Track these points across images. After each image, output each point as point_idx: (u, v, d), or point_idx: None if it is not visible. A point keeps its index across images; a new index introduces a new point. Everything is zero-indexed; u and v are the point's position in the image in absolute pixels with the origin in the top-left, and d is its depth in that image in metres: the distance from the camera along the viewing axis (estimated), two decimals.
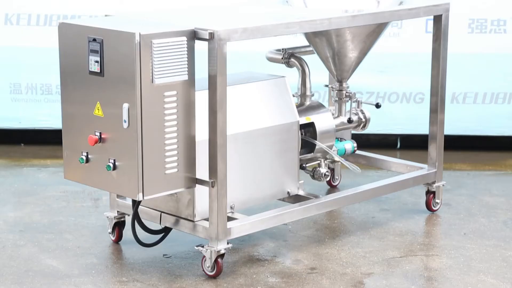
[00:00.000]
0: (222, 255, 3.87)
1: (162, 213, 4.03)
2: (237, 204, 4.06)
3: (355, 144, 4.73)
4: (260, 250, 4.21)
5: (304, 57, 4.53)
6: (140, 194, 3.70)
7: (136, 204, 3.98)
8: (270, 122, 4.14)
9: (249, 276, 3.92)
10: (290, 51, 4.52)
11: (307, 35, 4.53)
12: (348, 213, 4.71)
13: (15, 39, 5.82)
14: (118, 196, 4.20)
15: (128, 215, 4.18)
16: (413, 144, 5.85)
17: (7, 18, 5.81)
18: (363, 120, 4.70)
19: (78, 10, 5.73)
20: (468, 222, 4.60)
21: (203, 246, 3.87)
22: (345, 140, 4.73)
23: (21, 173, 5.43)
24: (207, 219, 3.90)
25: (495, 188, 5.16)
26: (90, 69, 3.74)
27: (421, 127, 5.71)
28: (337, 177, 5.13)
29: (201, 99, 3.81)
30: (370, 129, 5.02)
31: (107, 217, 4.26)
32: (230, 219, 3.95)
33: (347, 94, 4.64)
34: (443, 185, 4.72)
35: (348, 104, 4.68)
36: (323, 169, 4.41)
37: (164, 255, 4.14)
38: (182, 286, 3.82)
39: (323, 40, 4.47)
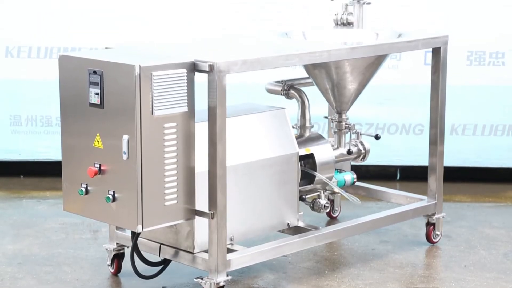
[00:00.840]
0: (221, 287, 3.85)
1: (161, 245, 4.02)
2: (236, 235, 4.05)
3: (355, 176, 4.72)
4: (259, 282, 4.19)
5: (303, 88, 4.55)
6: (140, 226, 3.69)
7: (135, 236, 3.96)
8: (269, 153, 4.14)
9: None
10: (290, 82, 4.53)
11: (307, 67, 4.55)
12: (348, 244, 4.70)
13: (16, 72, 5.84)
14: (117, 228, 4.18)
15: (128, 247, 4.17)
16: (412, 176, 5.85)
17: (8, 51, 5.84)
18: (363, 151, 4.71)
19: (78, 43, 5.76)
20: (469, 254, 4.58)
21: (202, 278, 3.85)
22: (344, 171, 4.73)
23: (20, 205, 5.42)
24: (206, 251, 3.88)
25: (495, 220, 5.15)
26: (90, 101, 3.75)
27: (420, 158, 5.71)
28: (336, 209, 5.12)
29: (201, 130, 3.82)
30: (370, 161, 5.02)
31: (106, 249, 4.25)
32: (229, 250, 3.94)
33: (346, 125, 4.65)
34: (443, 217, 4.71)
35: (347, 135, 4.69)
36: (323, 201, 4.41)
37: (163, 287, 4.12)
38: None
39: (322, 72, 4.49)
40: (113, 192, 3.72)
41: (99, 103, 3.72)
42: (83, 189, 3.82)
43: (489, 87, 5.80)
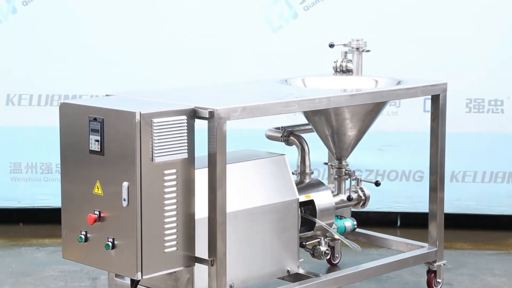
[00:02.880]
0: None
1: None
2: (236, 282, 4.02)
3: (355, 222, 4.71)
4: None
5: (303, 135, 4.56)
6: (139, 273, 3.66)
7: (135, 283, 3.94)
8: (269, 199, 4.13)
9: None
10: (290, 129, 4.54)
11: (306, 114, 4.56)
12: None
13: (17, 119, 5.86)
14: (116, 275, 4.16)
15: None
16: (413, 222, 5.83)
17: (9, 99, 5.86)
18: (363, 198, 4.70)
19: (79, 90, 5.79)
20: None
21: None
22: (345, 218, 4.72)
23: (19, 253, 5.40)
24: None
25: (497, 268, 5.12)
26: (90, 148, 3.76)
27: (420, 205, 5.70)
28: (337, 255, 5.10)
29: (201, 176, 3.82)
30: (370, 207, 5.00)
31: None
32: None
33: (346, 172, 4.65)
34: (444, 264, 4.68)
35: (347, 181, 4.68)
36: (323, 247, 4.39)
37: None
38: None
39: (322, 119, 4.50)
40: (113, 239, 3.71)
41: (99, 150, 3.72)
42: (83, 236, 3.80)
43: (488, 134, 5.81)
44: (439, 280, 4.68)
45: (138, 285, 4.00)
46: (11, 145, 5.88)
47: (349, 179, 4.67)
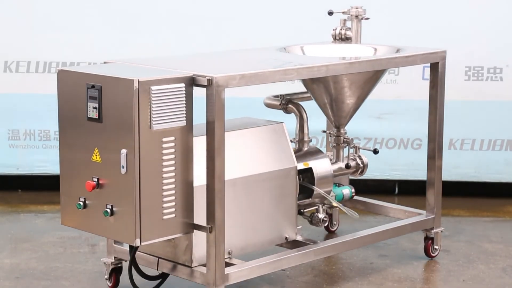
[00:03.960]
0: None
1: (159, 259, 4.01)
2: (235, 249, 4.04)
3: (353, 190, 4.73)
4: None
5: (301, 103, 4.56)
6: (138, 240, 3.68)
7: (133, 249, 3.96)
8: (268, 167, 4.14)
9: None
10: (288, 97, 4.54)
11: (305, 82, 4.56)
12: (347, 259, 4.69)
13: (14, 86, 5.85)
14: (115, 242, 4.18)
15: (125, 261, 4.16)
16: (411, 190, 5.85)
17: (6, 66, 5.85)
18: (361, 165, 4.71)
19: (77, 57, 5.77)
20: (467, 269, 4.58)
21: None
22: (343, 185, 4.73)
23: (18, 219, 5.42)
24: (204, 265, 3.88)
25: (494, 234, 5.15)
26: (88, 116, 3.76)
27: (419, 173, 5.72)
28: (335, 223, 5.12)
29: (199, 144, 3.82)
30: (368, 175, 5.02)
31: (104, 263, 4.24)
32: (228, 264, 3.93)
33: (344, 140, 4.66)
34: (441, 231, 4.71)
35: (345, 149, 4.69)
36: (321, 215, 4.41)
37: None
38: None
39: (320, 87, 4.50)
40: (111, 206, 3.72)
41: (97, 117, 3.72)
42: (81, 203, 3.82)
43: (487, 102, 5.81)
44: (437, 247, 4.71)
45: (137, 252, 4.02)
46: (9, 112, 5.88)
47: (347, 147, 4.67)
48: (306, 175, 4.39)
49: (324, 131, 4.89)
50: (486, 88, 5.80)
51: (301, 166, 4.33)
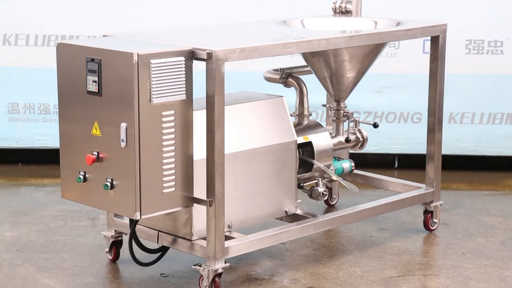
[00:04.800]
0: (219, 274, 3.86)
1: (159, 232, 4.03)
2: (234, 223, 4.06)
3: (353, 164, 4.73)
4: (257, 269, 4.21)
5: (301, 77, 4.55)
6: (138, 213, 3.70)
7: (133, 223, 3.97)
8: (267, 141, 4.14)
9: None
10: (288, 71, 4.53)
11: (305, 55, 4.54)
12: (346, 232, 4.71)
13: (13, 60, 5.83)
14: (115, 215, 4.19)
15: (126, 234, 4.18)
16: (410, 164, 5.86)
17: (5, 39, 5.83)
18: (361, 139, 4.71)
19: (76, 31, 5.75)
20: (466, 242, 4.60)
21: (200, 265, 3.86)
22: (342, 159, 4.74)
23: (18, 192, 5.43)
24: (204, 238, 3.89)
25: (493, 208, 5.16)
26: (88, 89, 3.75)
27: (418, 146, 5.72)
28: (334, 196, 5.13)
29: (199, 118, 3.82)
30: (368, 149, 5.03)
31: (105, 236, 4.26)
32: (227, 238, 3.95)
33: (344, 113, 4.65)
34: (441, 205, 4.72)
35: (345, 123, 4.69)
36: (321, 188, 4.42)
37: (161, 274, 4.13)
38: None
39: (320, 60, 4.48)
40: (111, 179, 3.73)
41: (97, 91, 3.72)
42: (81, 177, 3.83)
43: (487, 76, 5.80)
44: (436, 220, 4.72)
45: (137, 225, 4.03)
46: (9, 85, 5.87)
47: (347, 120, 4.67)
48: (306, 149, 4.39)
49: (324, 105, 4.88)
50: (486, 61, 5.78)
51: (301, 140, 4.33)
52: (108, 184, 3.73)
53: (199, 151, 3.83)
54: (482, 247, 4.52)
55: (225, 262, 3.85)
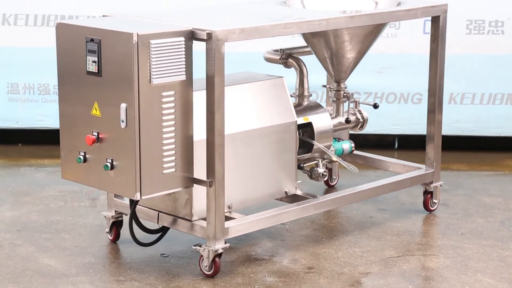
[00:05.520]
0: (219, 255, 3.87)
1: (159, 213, 4.03)
2: (234, 203, 4.06)
3: (353, 144, 4.73)
4: (257, 250, 4.22)
5: (302, 57, 4.54)
6: (138, 194, 3.70)
7: (133, 203, 3.98)
8: (267, 122, 4.14)
9: (247, 276, 3.93)
10: (288, 51, 4.52)
11: (305, 36, 4.53)
12: (346, 213, 4.72)
13: (13, 40, 5.82)
14: (115, 195, 4.20)
15: (126, 215, 4.19)
16: (410, 145, 5.86)
17: (5, 19, 5.81)
18: (361, 120, 4.71)
19: (76, 11, 5.73)
20: (466, 222, 4.61)
21: (200, 246, 3.87)
22: (342, 140, 4.74)
23: (18, 173, 5.44)
24: (204, 219, 3.90)
25: (493, 188, 5.17)
26: (87, 69, 3.74)
27: (418, 127, 5.72)
28: (334, 177, 5.14)
29: (199, 99, 3.82)
30: (368, 130, 5.02)
31: (105, 216, 4.27)
32: (227, 218, 3.96)
33: (345, 94, 4.65)
34: (440, 185, 4.73)
35: (346, 104, 4.68)
36: (321, 169, 4.42)
37: (161, 254, 4.14)
38: (180, 285, 3.83)
39: (321, 41, 4.47)
40: (111, 160, 3.73)
41: (96, 71, 3.71)
42: (81, 157, 3.83)
43: (488, 56, 5.79)
44: (435, 201, 4.73)
45: (137, 206, 4.04)
46: (8, 65, 5.85)
47: (347, 101, 4.67)
48: (306, 129, 4.39)
49: (324, 86, 4.87)
50: (487, 41, 5.77)
51: (301, 120, 4.33)
52: (108, 164, 3.73)
53: (199, 132, 3.83)
54: (481, 227, 4.53)
55: (225, 243, 3.86)
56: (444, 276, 3.95)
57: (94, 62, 3.71)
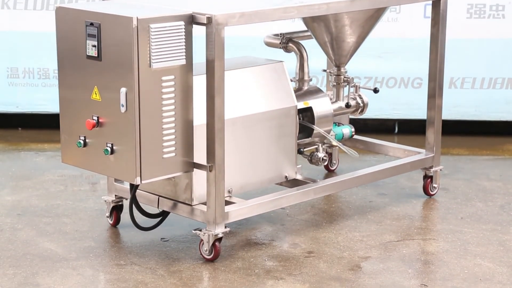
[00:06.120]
0: (219, 239, 3.88)
1: (160, 197, 4.04)
2: (234, 188, 4.07)
3: (353, 129, 4.73)
4: (257, 234, 4.23)
5: (302, 42, 4.53)
6: (138, 178, 3.70)
7: (134, 188, 3.98)
8: (268, 106, 4.14)
9: (247, 260, 3.94)
10: (288, 36, 4.51)
11: (305, 20, 4.52)
12: (346, 197, 4.72)
13: (12, 24, 5.80)
14: (116, 180, 4.20)
15: (126, 199, 4.19)
16: (410, 129, 5.86)
17: (4, 2, 5.79)
18: (361, 105, 4.70)
19: None
20: (465, 207, 4.61)
21: (200, 230, 3.88)
22: (343, 124, 4.74)
23: (18, 157, 5.44)
24: (204, 203, 3.91)
25: (492, 172, 5.17)
26: (87, 54, 3.74)
27: (419, 112, 5.72)
28: (334, 162, 5.14)
29: (199, 83, 3.81)
30: (368, 114, 5.02)
31: (105, 201, 4.27)
32: (227, 203, 3.96)
33: (345, 79, 4.64)
34: (440, 170, 4.73)
35: (346, 89, 4.68)
36: (321, 154, 4.42)
37: (161, 238, 4.15)
38: (180, 269, 3.84)
39: (321, 25, 4.46)
40: (111, 144, 3.73)
41: (96, 55, 3.70)
42: (81, 142, 3.83)
43: (488, 40, 5.78)
44: (435, 185, 4.73)
45: (137, 190, 4.05)
46: (8, 49, 5.84)
47: (347, 86, 4.66)
48: (306, 114, 4.39)
49: (325, 70, 4.87)
50: (488, 26, 5.75)
51: (301, 105, 4.32)
52: (108, 149, 3.73)
53: (199, 117, 3.83)
54: (481, 212, 4.54)
55: (225, 227, 3.87)
56: (443, 260, 3.95)
57: (94, 46, 3.70)
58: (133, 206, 4.03)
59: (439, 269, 3.88)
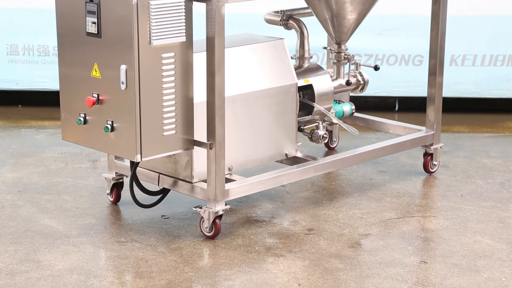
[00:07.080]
0: (220, 216, 3.89)
1: (160, 175, 4.04)
2: (235, 166, 4.07)
3: (353, 107, 4.73)
4: (258, 212, 4.24)
5: (302, 19, 4.51)
6: (138, 156, 3.71)
7: (134, 165, 3.99)
8: (268, 84, 4.13)
9: (247, 237, 3.95)
10: (289, 13, 4.49)
11: None
12: (346, 175, 4.73)
13: (11, 0, 5.78)
14: (116, 157, 4.21)
15: (127, 176, 4.20)
16: (411, 107, 5.85)
17: None
18: (362, 82, 4.70)
19: None
20: (465, 184, 4.62)
21: (201, 207, 3.89)
22: (343, 102, 4.73)
23: (19, 134, 5.44)
24: (205, 181, 3.91)
25: (493, 150, 5.17)
26: (87, 30, 3.73)
27: (419, 89, 5.71)
28: (335, 139, 5.14)
29: (199, 61, 3.81)
30: (369, 92, 5.01)
31: (106, 178, 4.28)
32: (228, 180, 3.97)
33: (345, 56, 4.63)
34: (440, 147, 4.73)
35: (346, 66, 4.67)
36: (321, 131, 4.42)
37: (162, 216, 4.16)
38: (180, 246, 3.85)
39: (321, 2, 4.44)
40: (112, 122, 3.73)
41: (96, 32, 3.69)
42: (82, 119, 3.83)
43: (489, 17, 5.76)
44: (435, 163, 4.74)
45: (138, 167, 4.05)
46: (7, 26, 5.82)
47: (348, 63, 4.65)
48: (307, 91, 4.38)
49: (325, 48, 4.85)
50: (489, 2, 5.73)
51: (301, 82, 4.31)
52: (109, 126, 3.73)
53: (200, 94, 3.82)
54: (481, 189, 4.55)
55: (226, 204, 3.88)
56: (443, 237, 3.97)
57: (94, 23, 3.69)
58: (134, 183, 4.03)
59: (439, 246, 3.89)
